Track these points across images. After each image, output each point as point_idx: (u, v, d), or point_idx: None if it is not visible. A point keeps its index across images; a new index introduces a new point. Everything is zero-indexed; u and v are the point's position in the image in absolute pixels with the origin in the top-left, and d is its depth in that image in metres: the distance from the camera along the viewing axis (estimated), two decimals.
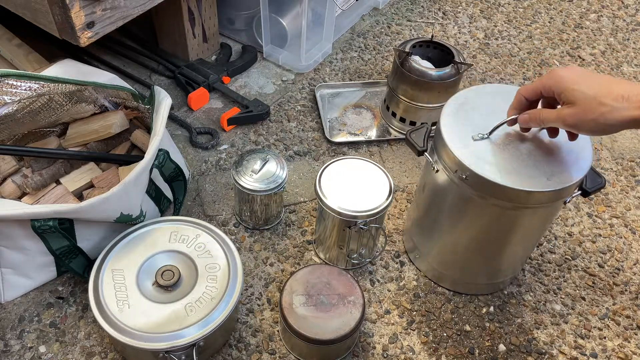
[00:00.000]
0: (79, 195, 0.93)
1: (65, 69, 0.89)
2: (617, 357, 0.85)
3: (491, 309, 0.89)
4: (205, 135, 1.13)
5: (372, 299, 0.89)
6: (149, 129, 0.98)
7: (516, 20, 1.49)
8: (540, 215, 0.76)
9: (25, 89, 0.84)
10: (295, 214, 1.00)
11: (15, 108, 0.85)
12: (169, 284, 0.76)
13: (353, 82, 1.25)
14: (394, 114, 1.14)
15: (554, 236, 1.00)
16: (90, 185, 0.93)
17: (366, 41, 1.38)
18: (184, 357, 0.73)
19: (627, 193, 1.08)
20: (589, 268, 0.95)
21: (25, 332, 0.83)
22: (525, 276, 0.94)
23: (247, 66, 1.28)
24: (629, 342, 0.86)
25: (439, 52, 1.10)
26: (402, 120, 1.13)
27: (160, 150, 0.84)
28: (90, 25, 0.85)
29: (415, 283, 0.92)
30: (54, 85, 0.85)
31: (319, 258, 0.94)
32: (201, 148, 1.10)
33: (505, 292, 0.91)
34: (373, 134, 1.15)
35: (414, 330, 0.86)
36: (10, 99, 0.84)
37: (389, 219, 1.00)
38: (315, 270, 0.81)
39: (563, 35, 1.45)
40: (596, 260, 0.97)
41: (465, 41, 1.41)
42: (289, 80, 1.27)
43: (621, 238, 1.00)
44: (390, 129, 1.16)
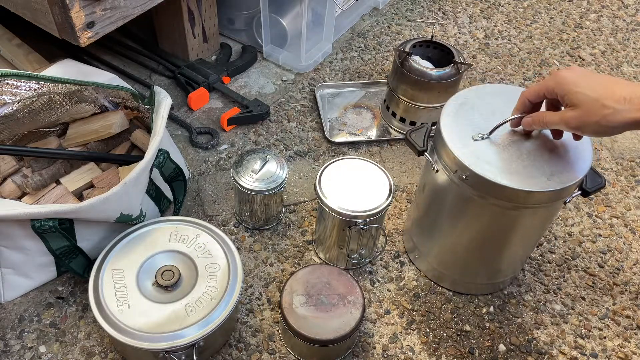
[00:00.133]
0: (79, 195, 0.93)
1: (65, 69, 0.89)
2: (617, 357, 0.85)
3: (491, 309, 0.89)
4: (205, 135, 1.13)
5: (372, 299, 0.89)
6: (149, 129, 0.98)
7: (516, 20, 1.49)
8: (540, 215, 0.76)
9: (25, 89, 0.84)
10: (295, 214, 1.00)
11: (15, 108, 0.85)
12: (169, 284, 0.76)
13: (353, 82, 1.25)
14: (394, 114, 1.14)
15: (554, 236, 1.00)
16: (90, 185, 0.93)
17: (366, 41, 1.38)
18: (184, 357, 0.73)
19: (627, 193, 1.08)
20: (589, 268, 0.95)
21: (25, 332, 0.83)
22: (525, 276, 0.94)
23: (247, 66, 1.28)
24: (629, 342, 0.86)
25: (439, 52, 1.10)
26: (402, 120, 1.13)
27: (160, 150, 0.84)
28: (90, 25, 0.85)
29: (415, 283, 0.92)
30: (54, 85, 0.85)
31: (319, 258, 0.94)
32: (201, 148, 1.10)
33: (505, 292, 0.91)
34: (373, 134, 1.15)
35: (414, 330, 0.86)
36: (10, 99, 0.84)
37: (389, 219, 1.00)
38: (315, 270, 0.81)
39: (563, 35, 1.45)
40: (596, 260, 0.97)
41: (465, 41, 1.41)
42: (289, 80, 1.27)
43: (621, 238, 1.00)
44: (390, 129, 1.16)
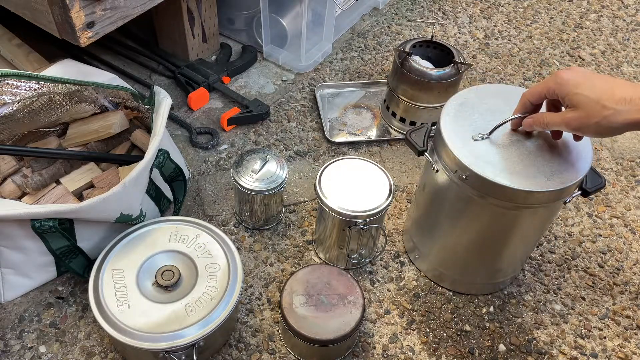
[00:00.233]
0: (79, 195, 0.93)
1: (65, 69, 0.89)
2: (617, 357, 0.85)
3: (491, 309, 0.89)
4: (205, 135, 1.13)
5: (372, 299, 0.89)
6: (149, 129, 0.98)
7: (516, 20, 1.49)
8: (540, 215, 0.76)
9: (25, 89, 0.84)
10: (295, 214, 1.00)
11: (15, 108, 0.85)
12: (169, 284, 0.76)
13: (353, 82, 1.25)
14: (394, 114, 1.14)
15: (554, 236, 1.00)
16: (90, 185, 0.93)
17: (366, 41, 1.38)
18: (184, 357, 0.73)
19: (627, 193, 1.08)
20: (589, 268, 0.95)
21: (25, 332, 0.83)
22: (525, 276, 0.94)
23: (247, 66, 1.28)
24: (629, 342, 0.86)
25: (439, 52, 1.10)
26: (402, 120, 1.13)
27: (160, 150, 0.84)
28: (90, 25, 0.85)
29: (415, 283, 0.92)
30: (54, 85, 0.85)
31: (319, 258, 0.94)
32: (201, 148, 1.10)
33: (505, 292, 0.91)
34: (373, 134, 1.15)
35: (414, 330, 0.86)
36: (10, 99, 0.84)
37: (389, 219, 1.00)
38: (315, 270, 0.81)
39: (563, 35, 1.45)
40: (596, 260, 0.96)
41: (465, 41, 1.41)
42: (289, 80, 1.27)
43: (621, 238, 1.00)
44: (390, 129, 1.16)
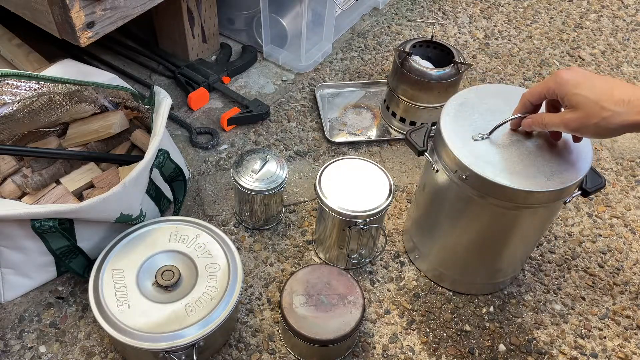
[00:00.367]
0: (79, 195, 0.93)
1: (65, 69, 0.89)
2: (617, 357, 0.85)
3: (491, 309, 0.89)
4: (205, 135, 1.13)
5: (372, 299, 0.89)
6: (149, 129, 0.98)
7: (516, 20, 1.49)
8: (540, 215, 0.76)
9: (25, 89, 0.84)
10: (295, 214, 1.00)
11: (15, 108, 0.85)
12: (169, 284, 0.76)
13: (353, 82, 1.25)
14: (394, 114, 1.14)
15: (554, 236, 1.00)
16: (90, 185, 0.93)
17: (366, 41, 1.38)
18: (184, 357, 0.73)
19: (627, 193, 1.08)
20: (589, 268, 0.95)
21: (25, 332, 0.83)
22: (525, 276, 0.94)
23: (247, 66, 1.28)
24: (629, 342, 0.86)
25: (439, 52, 1.10)
26: (402, 120, 1.13)
27: (160, 150, 0.84)
28: (90, 25, 0.85)
29: (415, 283, 0.92)
30: (54, 85, 0.85)
31: (319, 258, 0.94)
32: (201, 148, 1.10)
33: (505, 292, 0.91)
34: (373, 134, 1.15)
35: (414, 330, 0.86)
36: (10, 99, 0.84)
37: (389, 219, 1.00)
38: (315, 270, 0.81)
39: (563, 35, 1.45)
40: (596, 260, 0.96)
41: (465, 41, 1.41)
42: (289, 80, 1.27)
43: (621, 238, 1.00)
44: (390, 129, 1.16)
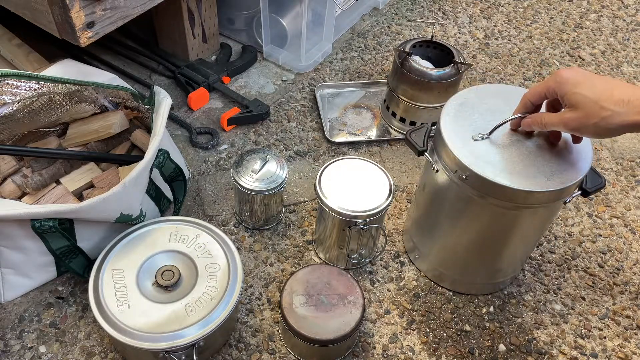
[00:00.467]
0: (79, 195, 0.93)
1: (65, 69, 0.89)
2: (617, 357, 0.85)
3: (491, 309, 0.89)
4: (205, 135, 1.13)
5: (372, 299, 0.89)
6: (149, 129, 0.98)
7: (516, 20, 1.49)
8: (540, 215, 0.76)
9: (25, 89, 0.84)
10: (295, 214, 1.00)
11: (15, 108, 0.85)
12: (169, 284, 0.76)
13: (353, 82, 1.25)
14: (394, 114, 1.14)
15: (554, 236, 1.00)
16: (90, 185, 0.93)
17: (366, 41, 1.38)
18: (184, 357, 0.73)
19: (627, 193, 1.08)
20: (589, 268, 0.95)
21: (25, 332, 0.83)
22: (525, 276, 0.94)
23: (247, 66, 1.28)
24: (629, 342, 0.86)
25: (439, 52, 1.10)
26: (402, 120, 1.13)
27: (160, 150, 0.84)
28: (90, 25, 0.85)
29: (415, 283, 0.92)
30: (54, 85, 0.85)
31: (319, 258, 0.94)
32: (201, 148, 1.10)
33: (505, 292, 0.91)
34: (373, 134, 1.15)
35: (414, 330, 0.86)
36: (10, 99, 0.84)
37: (389, 219, 1.00)
38: (315, 270, 0.81)
39: (563, 35, 1.45)
40: (596, 260, 0.96)
41: (465, 41, 1.41)
42: (289, 80, 1.27)
43: (621, 238, 1.00)
44: (390, 129, 1.16)
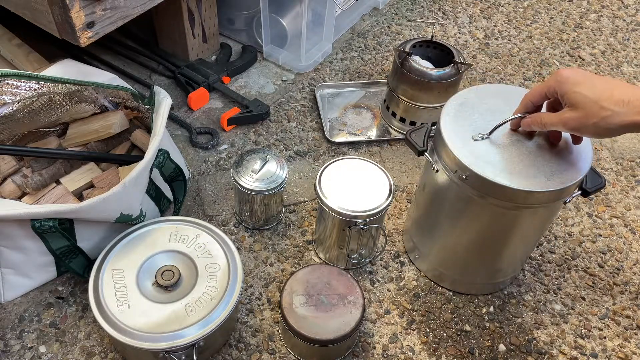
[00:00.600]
0: (79, 195, 0.93)
1: (65, 69, 0.89)
2: (617, 357, 0.85)
3: (491, 309, 0.89)
4: (205, 135, 1.13)
5: (372, 299, 0.89)
6: (149, 129, 0.98)
7: (516, 20, 1.49)
8: (540, 215, 0.76)
9: (25, 89, 0.84)
10: (295, 214, 1.00)
11: (15, 108, 0.85)
12: (169, 284, 0.76)
13: (353, 82, 1.25)
14: (394, 114, 1.14)
15: (554, 236, 1.00)
16: (90, 185, 0.93)
17: (366, 41, 1.38)
18: (184, 357, 0.73)
19: (627, 193, 1.08)
20: (589, 268, 0.95)
21: (25, 332, 0.83)
22: (525, 276, 0.94)
23: (247, 66, 1.28)
24: (629, 342, 0.86)
25: (439, 52, 1.10)
26: (402, 120, 1.13)
27: (160, 150, 0.84)
28: (90, 25, 0.85)
29: (415, 283, 0.92)
30: (54, 85, 0.85)
31: (319, 258, 0.94)
32: (201, 148, 1.10)
33: (505, 292, 0.91)
34: (373, 134, 1.15)
35: (414, 330, 0.86)
36: (10, 99, 0.84)
37: (389, 219, 1.00)
38: (315, 270, 0.81)
39: (563, 35, 1.45)
40: (596, 260, 0.96)
41: (465, 41, 1.41)
42: (289, 80, 1.27)
43: (621, 238, 1.00)
44: (390, 129, 1.16)
